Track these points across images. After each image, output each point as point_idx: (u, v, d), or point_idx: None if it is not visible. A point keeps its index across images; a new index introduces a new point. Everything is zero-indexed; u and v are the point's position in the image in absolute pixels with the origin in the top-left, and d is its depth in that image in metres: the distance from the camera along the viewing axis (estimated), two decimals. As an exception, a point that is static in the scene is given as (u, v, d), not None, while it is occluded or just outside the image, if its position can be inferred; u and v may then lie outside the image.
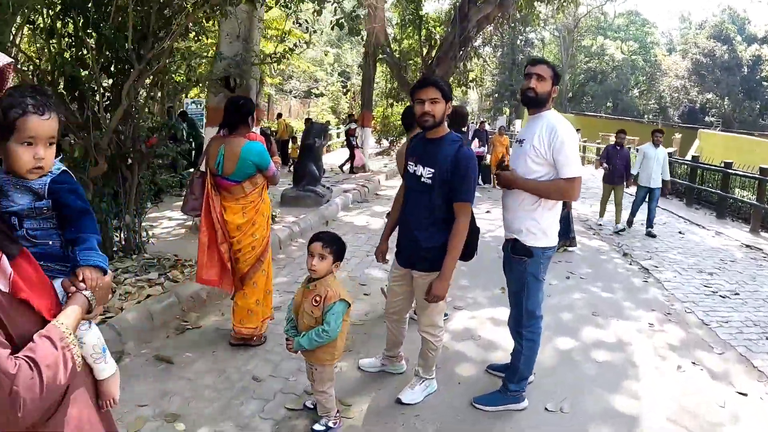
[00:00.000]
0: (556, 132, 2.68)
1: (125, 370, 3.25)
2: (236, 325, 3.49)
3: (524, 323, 2.93)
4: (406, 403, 2.98)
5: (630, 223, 8.26)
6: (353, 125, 13.55)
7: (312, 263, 2.49)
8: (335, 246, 2.54)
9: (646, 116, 41.42)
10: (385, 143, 21.14)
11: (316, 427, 2.66)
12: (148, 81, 4.83)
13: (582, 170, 2.87)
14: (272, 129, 15.98)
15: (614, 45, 43.04)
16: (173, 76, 5.26)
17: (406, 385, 3.08)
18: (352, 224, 7.55)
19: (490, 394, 3.05)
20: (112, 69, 4.68)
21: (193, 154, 10.07)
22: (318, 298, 2.49)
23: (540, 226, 2.78)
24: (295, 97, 31.12)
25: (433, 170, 2.68)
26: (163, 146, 5.55)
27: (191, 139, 10.38)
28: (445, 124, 2.79)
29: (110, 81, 4.77)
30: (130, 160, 4.80)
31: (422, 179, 2.73)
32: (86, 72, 4.49)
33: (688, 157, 14.64)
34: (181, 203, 4.31)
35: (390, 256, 3.13)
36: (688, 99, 40.58)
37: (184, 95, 12.81)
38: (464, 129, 4.90)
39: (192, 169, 8.29)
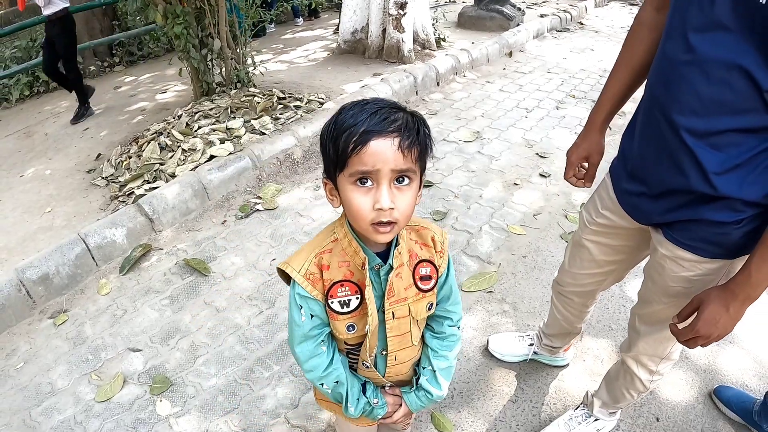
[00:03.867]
0: None
1: (141, 278, 2.26)
2: None
3: None
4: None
5: None
6: None
7: (383, 200, 0.71)
8: (421, 131, 0.73)
9: None
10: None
11: None
12: None
13: None
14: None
15: None
16: None
17: (559, 419, 1.58)
18: (542, 59, 5.40)
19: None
20: None
21: None
22: (427, 269, 0.90)
23: None
24: None
25: None
26: None
27: None
28: None
29: None
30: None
31: None
32: None
33: None
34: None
35: (599, 179, 1.33)
36: None
37: None
38: None
39: None
